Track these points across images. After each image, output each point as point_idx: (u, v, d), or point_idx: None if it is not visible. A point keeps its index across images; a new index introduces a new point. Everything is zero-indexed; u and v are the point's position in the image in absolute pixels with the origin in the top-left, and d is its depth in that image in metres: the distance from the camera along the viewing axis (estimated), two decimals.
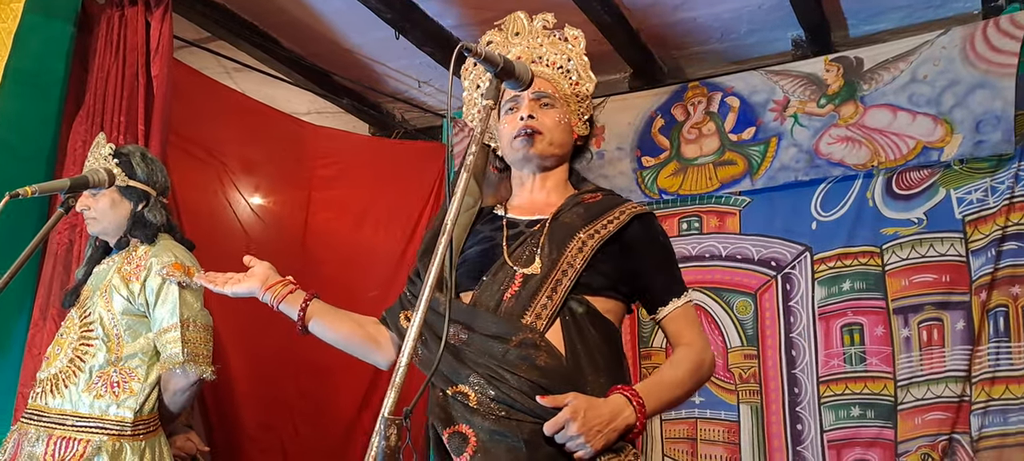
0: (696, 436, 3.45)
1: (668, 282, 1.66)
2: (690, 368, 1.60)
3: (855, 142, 3.32)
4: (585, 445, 1.42)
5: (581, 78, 1.75)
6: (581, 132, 1.76)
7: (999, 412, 2.95)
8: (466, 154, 1.35)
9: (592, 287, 1.58)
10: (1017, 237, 3.02)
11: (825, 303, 3.31)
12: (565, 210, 1.67)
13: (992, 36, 3.12)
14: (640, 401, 1.48)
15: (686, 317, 1.65)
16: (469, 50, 1.37)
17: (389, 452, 1.11)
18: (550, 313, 1.53)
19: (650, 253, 1.66)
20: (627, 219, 1.64)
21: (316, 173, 3.84)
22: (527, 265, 1.59)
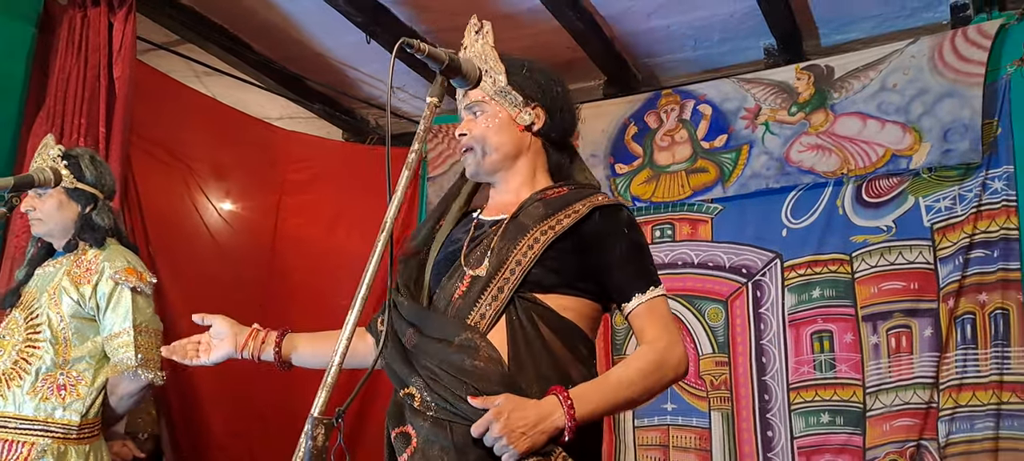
0: (668, 443, 3.45)
1: (631, 277, 1.58)
2: (644, 367, 1.52)
3: (825, 150, 3.34)
4: (508, 447, 1.37)
5: (494, 70, 1.67)
6: (524, 121, 1.67)
7: (966, 419, 2.98)
8: (409, 151, 1.33)
9: (543, 285, 1.54)
10: (984, 245, 3.05)
11: (795, 310, 3.33)
12: (524, 208, 1.63)
13: (960, 45, 3.17)
14: (571, 404, 1.41)
15: (652, 312, 1.57)
16: (411, 45, 1.34)
17: (316, 452, 1.09)
18: (494, 313, 1.51)
19: (612, 247, 1.59)
20: (586, 212, 1.58)
21: (287, 178, 3.82)
22: (477, 266, 1.57)
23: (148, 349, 2.22)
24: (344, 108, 4.33)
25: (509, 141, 1.67)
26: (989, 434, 2.94)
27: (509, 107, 1.67)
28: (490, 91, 1.67)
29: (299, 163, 3.88)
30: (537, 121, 1.68)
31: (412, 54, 1.35)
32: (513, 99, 1.67)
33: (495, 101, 1.67)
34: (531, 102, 1.68)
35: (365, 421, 3.80)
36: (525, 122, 1.67)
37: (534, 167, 1.70)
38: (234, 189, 3.68)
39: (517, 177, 1.69)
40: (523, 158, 1.69)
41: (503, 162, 1.68)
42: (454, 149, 4.15)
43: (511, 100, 1.67)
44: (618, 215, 1.62)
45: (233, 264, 3.60)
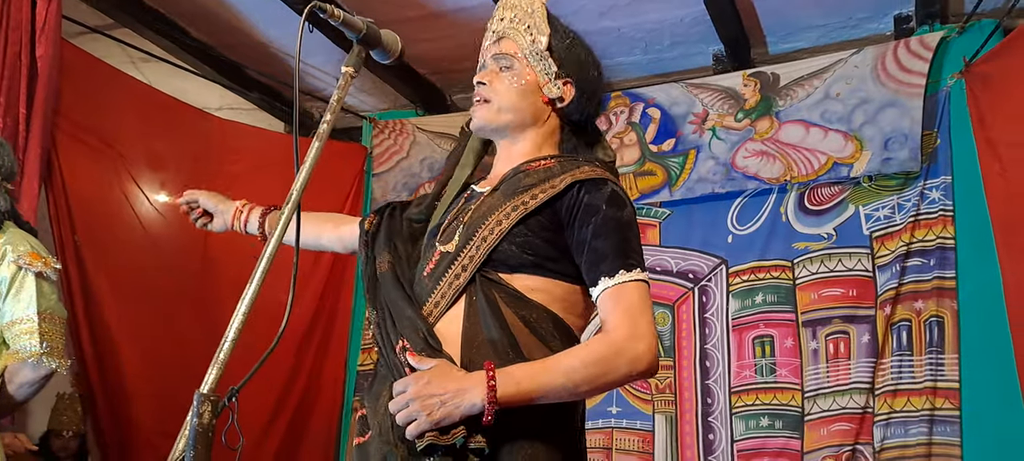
0: (611, 446, 3.49)
1: (601, 258, 1.43)
2: (589, 357, 1.38)
3: (770, 156, 3.43)
4: (418, 413, 1.29)
5: (537, 31, 1.58)
6: (551, 93, 1.57)
7: (900, 424, 3.08)
8: (321, 122, 1.31)
9: (509, 264, 1.44)
10: (921, 253, 3.16)
11: (739, 315, 3.41)
12: (507, 179, 1.54)
13: (902, 57, 3.28)
14: (493, 383, 1.30)
15: (618, 299, 1.41)
16: (323, 10, 1.29)
17: (201, 431, 1.04)
18: (454, 292, 1.44)
19: (587, 224, 1.44)
20: (564, 186, 1.46)
21: (223, 170, 3.74)
22: (448, 241, 1.50)
23: (53, 337, 2.13)
24: (286, 99, 4.27)
25: (529, 108, 1.58)
26: (922, 439, 3.05)
27: (541, 73, 1.57)
28: (526, 49, 1.58)
29: (237, 154, 3.80)
30: (565, 98, 1.58)
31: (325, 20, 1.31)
32: (547, 67, 1.57)
33: (528, 62, 1.57)
34: (564, 76, 1.58)
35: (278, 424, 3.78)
36: (552, 94, 1.58)
37: (543, 141, 1.60)
38: (168, 180, 3.59)
39: (522, 145, 1.60)
40: (535, 129, 1.60)
41: (515, 128, 1.59)
42: (400, 146, 4.13)
43: (545, 67, 1.57)
44: (600, 189, 1.47)
45: (166, 256, 3.52)
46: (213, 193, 2.02)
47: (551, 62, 1.57)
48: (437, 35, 3.57)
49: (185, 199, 2.02)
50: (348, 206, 4.01)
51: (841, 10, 3.38)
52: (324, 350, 3.95)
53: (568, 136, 1.63)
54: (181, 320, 3.51)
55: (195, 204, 2.01)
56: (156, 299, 3.43)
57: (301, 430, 3.84)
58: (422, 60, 3.87)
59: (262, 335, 1.24)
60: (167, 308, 3.47)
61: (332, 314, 4.00)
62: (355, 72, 1.36)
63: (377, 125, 4.19)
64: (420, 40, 3.61)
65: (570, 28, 1.64)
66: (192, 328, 3.50)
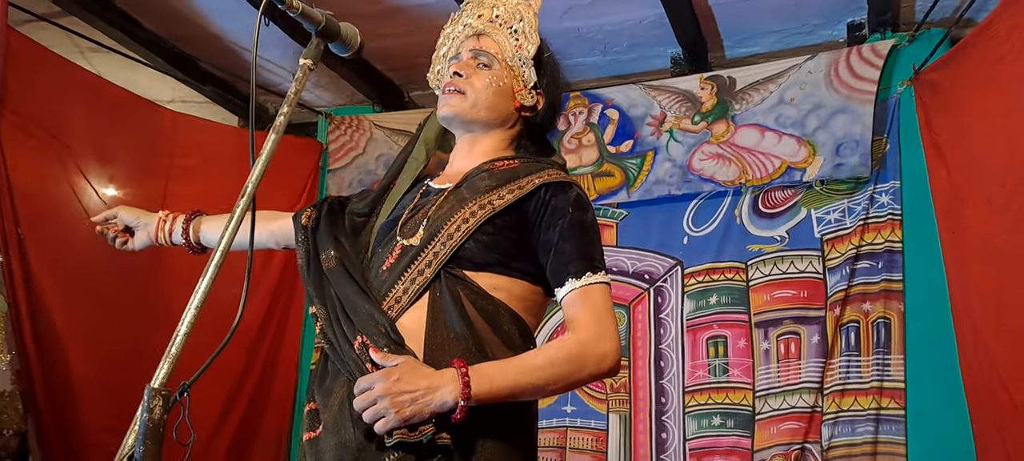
0: (565, 445, 3.53)
1: (568, 260, 1.47)
2: (557, 356, 1.41)
3: (726, 159, 3.49)
4: (388, 411, 1.29)
5: (525, 39, 1.62)
6: (525, 101, 1.62)
7: (848, 423, 3.16)
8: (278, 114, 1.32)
9: (475, 262, 1.47)
10: (870, 256, 3.25)
11: (693, 316, 3.47)
12: (470, 177, 1.57)
13: (855, 63, 3.36)
14: (467, 380, 1.32)
15: (584, 300, 1.46)
16: (281, 1, 1.30)
17: (152, 426, 1.04)
18: (418, 288, 1.45)
19: (554, 226, 1.49)
20: (532, 188, 1.51)
21: (174, 164, 3.69)
22: (410, 235, 1.51)
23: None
24: (240, 93, 4.22)
25: (503, 109, 1.62)
26: (868, 438, 3.13)
27: (518, 79, 1.62)
28: (510, 53, 1.62)
29: (188, 148, 3.74)
30: (537, 107, 1.65)
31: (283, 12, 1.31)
32: (527, 75, 1.62)
33: (508, 65, 1.62)
34: (539, 87, 1.64)
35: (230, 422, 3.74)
36: (526, 101, 1.63)
37: (505, 144, 1.65)
38: (118, 173, 3.53)
39: (484, 144, 1.64)
40: (501, 130, 1.65)
41: (484, 124, 1.63)
42: (357, 142, 4.11)
43: (524, 74, 1.62)
44: (566, 192, 1.52)
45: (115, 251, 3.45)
46: (132, 208, 1.97)
47: (532, 72, 1.62)
48: (395, 31, 3.57)
49: (101, 217, 1.95)
50: (302, 202, 3.98)
51: (796, 17, 3.46)
52: (277, 347, 3.93)
53: (525, 142, 1.69)
54: (129, 316, 3.45)
55: (113, 221, 1.94)
56: (103, 295, 3.37)
57: (253, 427, 3.81)
58: (380, 56, 3.86)
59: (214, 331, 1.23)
60: (115, 304, 3.42)
61: (285, 311, 3.97)
62: (313, 64, 1.37)
63: (333, 121, 4.17)
64: (378, 36, 3.60)
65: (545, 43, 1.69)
66: (141, 324, 3.45)
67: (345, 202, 1.71)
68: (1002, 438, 2.73)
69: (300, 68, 1.36)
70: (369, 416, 1.31)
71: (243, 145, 3.94)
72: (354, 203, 1.69)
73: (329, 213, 1.64)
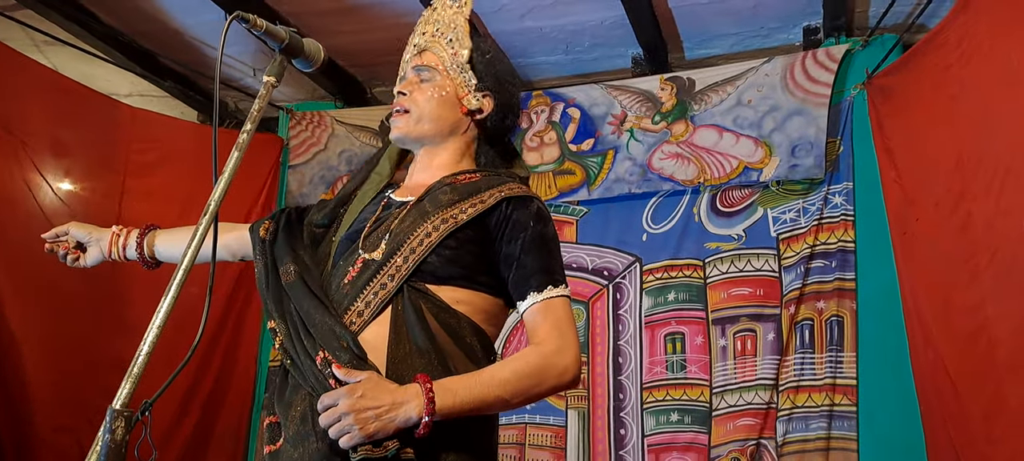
0: (525, 441, 3.58)
1: (530, 273, 1.51)
2: (521, 369, 1.44)
3: (684, 159, 3.58)
4: (352, 427, 1.30)
5: (459, 44, 1.66)
6: (470, 105, 1.66)
7: (802, 419, 3.25)
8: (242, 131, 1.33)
9: (437, 276, 1.49)
10: (824, 256, 3.35)
11: (651, 312, 3.54)
12: (432, 191, 1.59)
13: (810, 67, 3.46)
14: (431, 395, 1.34)
15: (546, 313, 1.49)
16: (246, 19, 1.31)
17: (114, 447, 1.04)
18: (380, 302, 1.46)
19: (515, 240, 1.52)
20: (494, 202, 1.53)
21: (132, 159, 3.68)
22: (372, 249, 1.53)
23: None
24: (200, 88, 4.22)
25: (449, 118, 1.65)
26: (822, 434, 3.21)
27: (461, 86, 1.65)
28: (447, 62, 1.65)
29: (146, 143, 3.74)
30: (484, 110, 1.67)
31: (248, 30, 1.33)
32: (467, 79, 1.66)
33: (448, 74, 1.65)
34: (484, 89, 1.67)
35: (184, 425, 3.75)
36: (471, 106, 1.66)
37: (462, 153, 1.68)
38: (74, 168, 3.52)
39: (442, 156, 1.66)
40: (454, 139, 1.67)
41: (434, 136, 1.65)
42: (318, 138, 4.13)
43: (465, 79, 1.65)
44: (527, 207, 1.55)
45: None
46: (84, 224, 1.93)
47: (471, 75, 1.66)
48: (357, 27, 3.60)
49: (51, 234, 1.92)
50: (263, 197, 3.99)
51: (753, 20, 3.55)
52: (234, 347, 3.93)
53: (484, 148, 1.71)
54: (86, 315, 3.44)
55: (64, 238, 1.91)
56: (59, 293, 3.35)
57: (209, 429, 3.80)
58: (342, 52, 3.88)
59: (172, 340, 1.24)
60: (71, 302, 3.40)
61: (243, 310, 3.97)
62: (277, 82, 1.38)
63: (294, 116, 4.19)
64: (340, 32, 3.64)
65: (488, 44, 1.72)
66: (97, 323, 3.45)
67: (303, 213, 1.72)
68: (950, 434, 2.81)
69: (263, 85, 1.37)
70: (334, 432, 1.32)
71: (202, 140, 3.94)
72: (313, 213, 1.70)
73: (287, 225, 1.65)
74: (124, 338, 3.42)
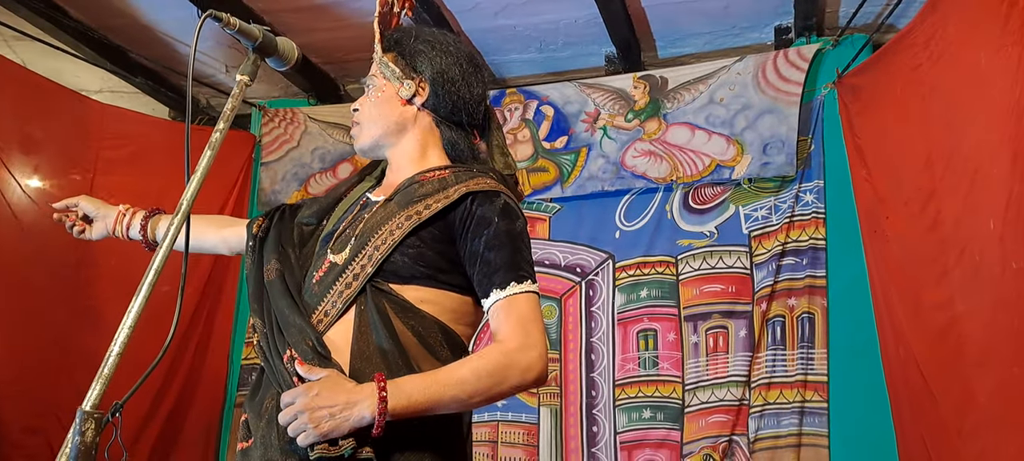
0: (497, 439, 3.62)
1: (494, 270, 1.49)
2: (481, 367, 1.42)
3: (657, 157, 3.64)
4: (306, 426, 1.32)
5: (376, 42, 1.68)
6: (405, 94, 1.65)
7: (773, 415, 3.31)
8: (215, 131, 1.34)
9: (401, 275, 1.49)
10: (795, 253, 3.41)
11: (624, 309, 3.59)
12: (401, 190, 1.59)
13: (781, 66, 3.53)
14: (384, 395, 1.33)
15: (509, 310, 1.47)
16: (219, 18, 1.32)
17: (84, 449, 1.04)
18: (344, 303, 1.47)
19: (480, 236, 1.50)
20: (458, 196, 1.52)
21: (102, 156, 3.68)
22: (339, 250, 1.54)
23: None
24: (171, 84, 4.23)
25: (389, 115, 1.65)
26: (793, 430, 3.27)
27: (392, 79, 1.65)
28: (376, 65, 1.68)
29: (116, 140, 3.74)
30: (421, 94, 1.65)
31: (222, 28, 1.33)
32: (392, 71, 1.65)
33: (380, 75, 1.67)
34: (414, 74, 1.65)
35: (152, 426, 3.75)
36: (405, 95, 1.64)
37: (424, 145, 1.66)
38: (42, 164, 3.52)
39: (404, 155, 1.66)
40: (409, 134, 1.66)
41: (384, 137, 1.66)
42: (291, 135, 4.15)
43: (390, 72, 1.65)
44: (492, 201, 1.53)
45: (40, 245, 3.44)
46: (93, 198, 1.99)
47: (393, 66, 1.65)
48: (330, 25, 3.63)
49: (62, 204, 1.99)
50: (235, 195, 4.00)
51: (725, 19, 3.61)
52: (205, 344, 3.94)
53: (446, 131, 1.67)
54: (55, 314, 3.44)
55: (74, 209, 1.98)
56: (27, 290, 3.35)
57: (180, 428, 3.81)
58: (315, 49, 3.91)
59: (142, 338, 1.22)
60: (39, 300, 3.40)
61: (214, 306, 3.99)
62: (250, 81, 1.38)
63: (267, 113, 4.20)
64: (313, 29, 3.66)
65: (415, 28, 1.71)
66: (67, 322, 3.45)
67: (297, 209, 1.74)
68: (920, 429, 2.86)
69: (237, 84, 1.37)
70: (291, 430, 1.34)
71: (173, 137, 3.95)
72: (303, 212, 1.72)
73: (279, 222, 1.68)
74: (93, 335, 3.43)
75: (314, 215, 1.69)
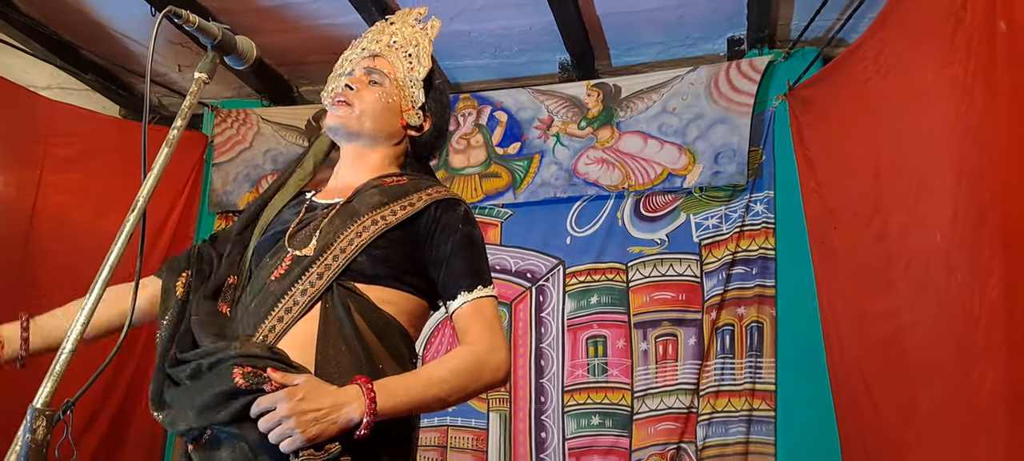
0: (447, 444, 3.65)
1: (460, 274, 1.60)
2: (458, 367, 1.52)
3: (610, 164, 3.71)
4: (293, 431, 1.32)
5: (418, 61, 1.76)
6: (411, 120, 1.76)
7: (722, 423, 3.37)
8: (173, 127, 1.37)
9: (366, 275, 1.55)
10: (745, 262, 3.49)
11: (574, 315, 3.65)
12: (360, 193, 1.66)
13: (734, 77, 3.62)
14: (373, 396, 1.38)
15: (476, 313, 1.59)
16: (178, 15, 1.35)
17: (34, 447, 1.05)
18: (309, 300, 1.51)
19: (445, 242, 1.61)
20: (423, 205, 1.62)
21: (50, 153, 3.68)
22: (302, 247, 1.58)
23: None
24: (123, 83, 4.24)
25: (389, 124, 1.75)
26: (740, 438, 3.33)
27: (408, 99, 1.75)
28: (402, 73, 1.75)
29: (65, 137, 3.74)
30: (423, 128, 1.79)
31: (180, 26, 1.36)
32: (416, 95, 1.76)
33: (398, 84, 1.75)
34: (427, 109, 1.78)
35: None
36: (412, 121, 1.77)
37: (392, 161, 1.77)
38: None
39: (372, 159, 1.75)
40: (386, 146, 1.77)
41: (371, 136, 1.74)
42: (243, 136, 4.17)
43: (413, 94, 1.76)
44: (455, 210, 1.65)
45: None
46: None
47: (421, 93, 1.77)
48: (285, 27, 3.66)
49: None
50: (186, 195, 4.02)
51: (679, 30, 3.69)
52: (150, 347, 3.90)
53: (411, 161, 1.83)
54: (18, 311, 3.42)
55: None
56: None
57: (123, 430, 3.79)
58: (270, 51, 3.93)
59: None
60: None
61: None
62: (209, 78, 1.41)
63: (219, 114, 4.22)
64: (269, 31, 3.70)
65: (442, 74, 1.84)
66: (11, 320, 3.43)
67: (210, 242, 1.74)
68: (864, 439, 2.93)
69: (194, 81, 1.40)
70: (275, 436, 1.34)
71: (123, 135, 3.95)
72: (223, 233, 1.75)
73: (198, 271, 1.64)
74: None
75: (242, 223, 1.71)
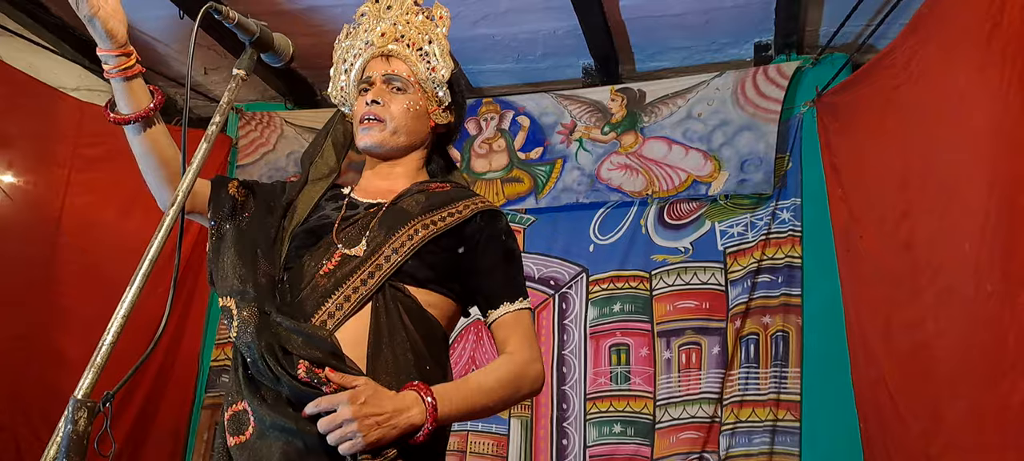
0: (466, 449, 3.67)
1: (502, 284, 1.65)
2: (504, 377, 1.57)
3: (633, 170, 3.72)
4: (356, 434, 1.35)
5: (438, 63, 1.75)
6: (440, 120, 1.78)
7: (745, 434, 3.36)
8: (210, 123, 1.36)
9: (416, 278, 1.58)
10: (770, 271, 3.48)
11: (596, 323, 3.66)
12: (406, 195, 1.69)
13: (761, 83, 3.61)
14: (433, 402, 1.42)
15: (516, 324, 1.63)
16: (218, 11, 1.35)
17: (76, 438, 1.06)
18: (360, 297, 1.53)
19: (488, 252, 1.65)
20: (470, 213, 1.66)
21: (78, 153, 3.75)
22: (351, 245, 1.59)
23: None
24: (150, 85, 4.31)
25: (420, 131, 1.76)
26: (764, 449, 3.32)
27: (433, 100, 1.77)
28: (423, 76, 1.75)
29: (92, 137, 3.81)
30: (449, 125, 1.82)
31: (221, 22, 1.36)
32: (442, 96, 1.77)
33: (422, 88, 1.75)
34: (452, 106, 1.81)
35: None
36: (441, 120, 1.79)
37: (422, 162, 1.81)
38: (16, 159, 3.58)
39: (406, 166, 1.77)
40: (418, 151, 1.79)
41: (406, 149, 1.76)
42: (267, 138, 4.22)
43: (439, 95, 1.77)
44: (498, 221, 1.70)
45: (13, 240, 3.50)
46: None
47: (447, 93, 1.78)
48: (309, 30, 3.70)
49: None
50: None
51: (705, 34, 3.69)
52: (176, 346, 3.98)
53: (435, 156, 1.85)
54: (27, 309, 3.48)
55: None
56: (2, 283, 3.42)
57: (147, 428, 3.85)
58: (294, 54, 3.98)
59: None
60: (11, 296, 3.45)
61: (186, 309, 4.04)
62: (247, 75, 1.41)
63: (244, 116, 4.27)
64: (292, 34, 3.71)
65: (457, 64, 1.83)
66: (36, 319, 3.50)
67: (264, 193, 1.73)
68: (889, 451, 2.92)
69: (233, 78, 1.40)
70: (334, 438, 1.36)
71: None
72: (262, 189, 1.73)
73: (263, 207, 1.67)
74: (62, 333, 3.49)
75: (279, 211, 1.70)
